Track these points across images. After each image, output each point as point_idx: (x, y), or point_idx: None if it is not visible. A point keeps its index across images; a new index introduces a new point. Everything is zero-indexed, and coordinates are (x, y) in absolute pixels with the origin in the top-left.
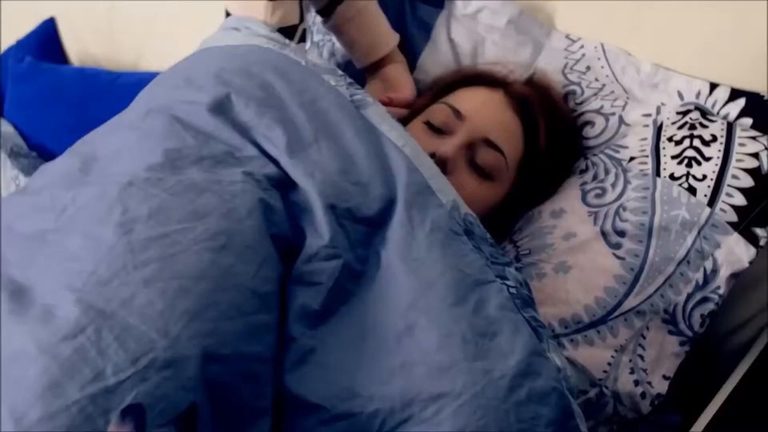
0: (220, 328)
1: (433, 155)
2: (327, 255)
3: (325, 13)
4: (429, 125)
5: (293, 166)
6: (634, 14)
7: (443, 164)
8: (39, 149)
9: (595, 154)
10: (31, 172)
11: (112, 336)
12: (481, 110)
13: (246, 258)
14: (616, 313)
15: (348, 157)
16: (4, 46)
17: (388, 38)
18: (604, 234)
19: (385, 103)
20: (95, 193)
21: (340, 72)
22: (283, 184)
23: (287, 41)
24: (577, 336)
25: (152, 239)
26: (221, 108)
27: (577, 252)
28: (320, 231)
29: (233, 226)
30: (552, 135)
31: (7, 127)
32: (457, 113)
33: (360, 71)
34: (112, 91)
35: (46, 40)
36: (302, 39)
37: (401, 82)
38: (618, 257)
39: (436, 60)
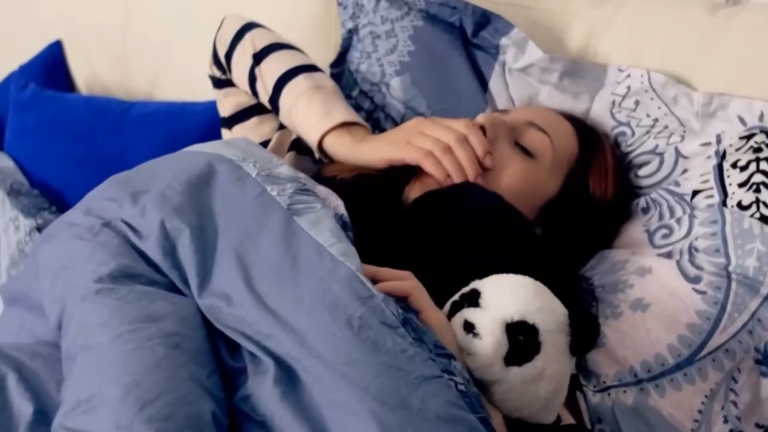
0: (178, 411)
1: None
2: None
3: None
4: (482, 129)
5: (202, 306)
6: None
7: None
8: (42, 187)
9: (655, 192)
10: (33, 212)
11: None
12: (530, 109)
13: (199, 361)
14: (704, 353)
15: (251, 286)
16: (6, 72)
17: (318, 123)
18: (680, 269)
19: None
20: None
21: (297, 180)
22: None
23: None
24: (662, 380)
25: (105, 343)
26: (163, 240)
27: (654, 288)
28: (262, 367)
29: (187, 331)
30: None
31: (6, 162)
32: (504, 111)
33: None
34: (123, 122)
35: (51, 65)
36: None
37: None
38: (698, 291)
39: None
